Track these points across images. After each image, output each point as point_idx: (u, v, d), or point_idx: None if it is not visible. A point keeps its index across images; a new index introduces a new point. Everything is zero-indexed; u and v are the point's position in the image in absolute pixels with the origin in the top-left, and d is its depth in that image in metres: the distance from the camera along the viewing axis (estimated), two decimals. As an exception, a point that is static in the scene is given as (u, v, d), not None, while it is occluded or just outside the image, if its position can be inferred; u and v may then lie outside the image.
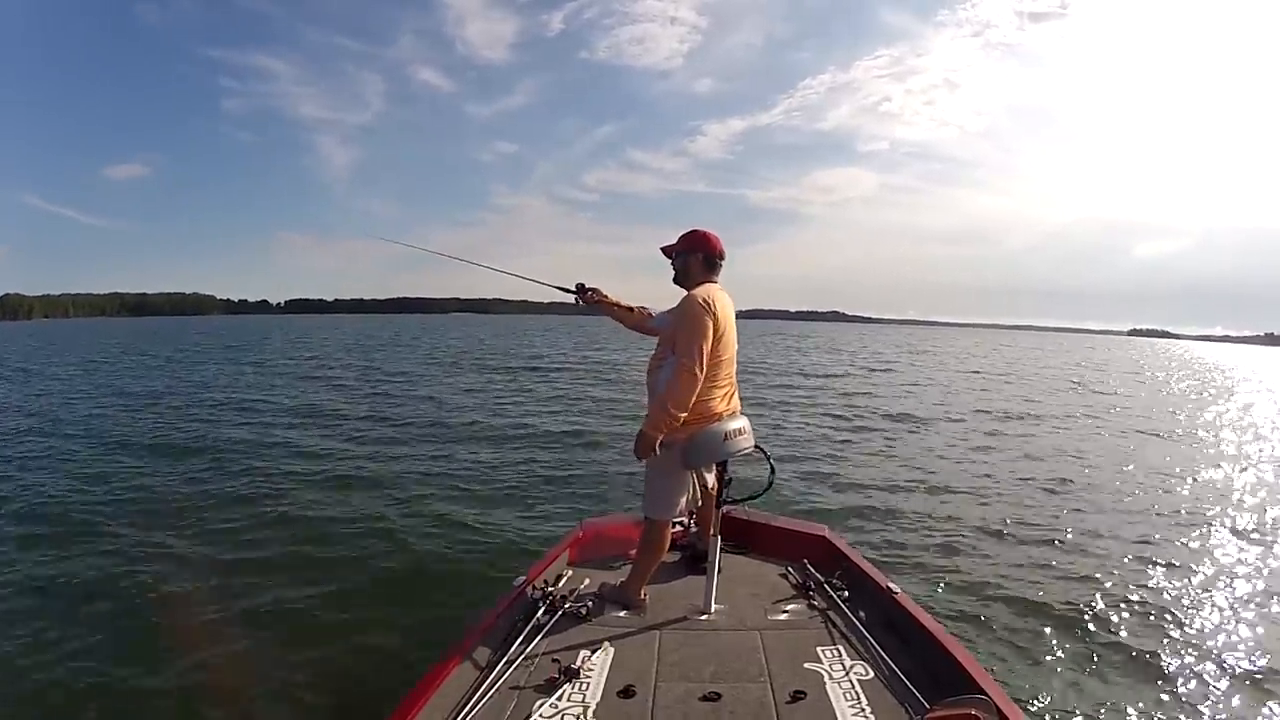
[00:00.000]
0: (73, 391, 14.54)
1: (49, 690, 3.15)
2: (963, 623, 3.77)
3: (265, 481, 6.91)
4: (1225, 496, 6.97)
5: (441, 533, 5.27)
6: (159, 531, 5.27)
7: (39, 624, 3.73)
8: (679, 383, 2.31)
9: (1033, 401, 14.86)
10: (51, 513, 5.75)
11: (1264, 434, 11.62)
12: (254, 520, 5.63)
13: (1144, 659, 3.47)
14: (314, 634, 3.67)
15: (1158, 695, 3.16)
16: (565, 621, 2.33)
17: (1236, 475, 8.05)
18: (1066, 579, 4.48)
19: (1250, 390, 22.58)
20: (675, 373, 2.33)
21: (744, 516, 3.01)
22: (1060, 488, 7.02)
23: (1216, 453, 9.55)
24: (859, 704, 1.86)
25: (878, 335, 75.76)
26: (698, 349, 2.31)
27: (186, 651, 3.47)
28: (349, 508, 5.99)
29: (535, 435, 9.43)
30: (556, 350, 29.66)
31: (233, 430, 9.68)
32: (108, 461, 7.78)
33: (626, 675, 2.01)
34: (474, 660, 2.07)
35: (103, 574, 4.43)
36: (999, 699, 1.71)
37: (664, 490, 2.46)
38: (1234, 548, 5.25)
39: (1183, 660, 3.46)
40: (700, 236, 2.53)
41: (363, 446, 8.73)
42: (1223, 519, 6.03)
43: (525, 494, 6.40)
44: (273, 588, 4.24)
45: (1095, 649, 3.55)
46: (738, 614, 2.42)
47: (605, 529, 3.09)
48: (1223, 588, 4.42)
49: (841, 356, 30.52)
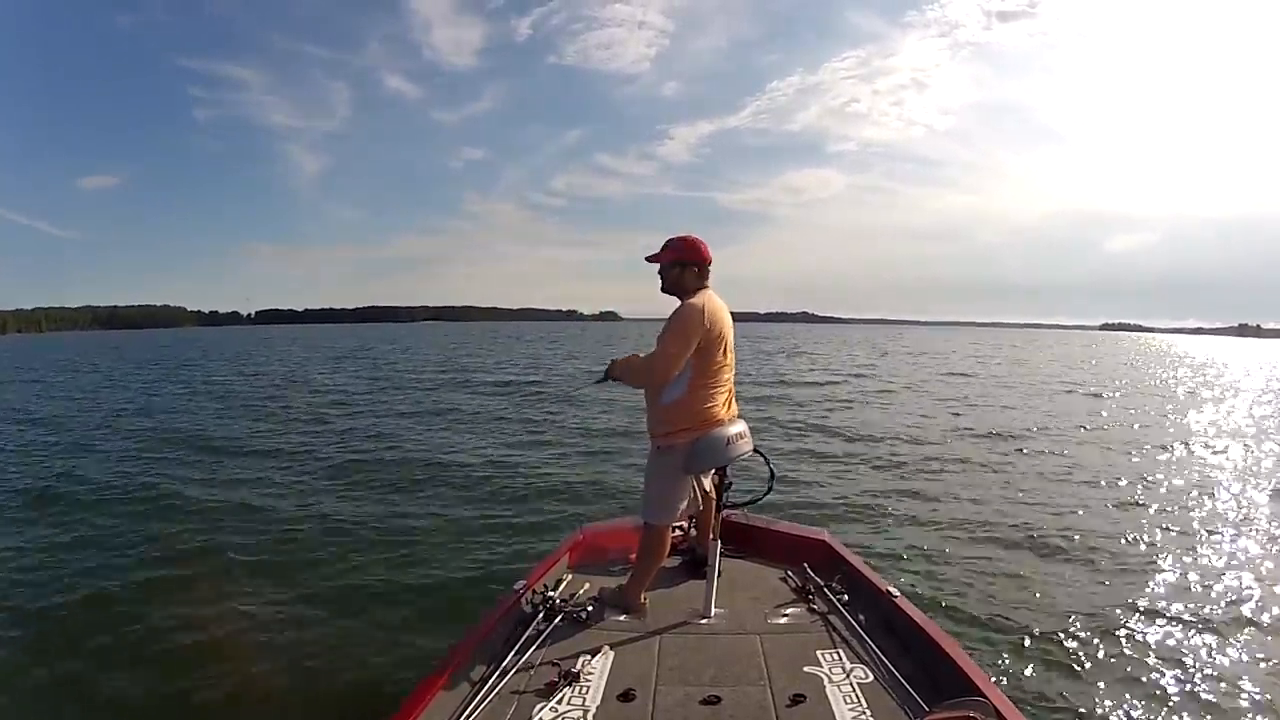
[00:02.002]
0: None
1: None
2: (962, 626, 3.77)
3: (264, 480, 6.91)
4: (1234, 498, 6.81)
5: (440, 538, 5.26)
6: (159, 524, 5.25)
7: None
8: (642, 368, 2.42)
9: (1024, 402, 14.86)
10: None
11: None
12: (252, 520, 5.63)
13: (1143, 661, 3.47)
14: (313, 641, 3.67)
15: (1158, 697, 3.16)
16: (565, 626, 2.33)
17: (1248, 479, 7.73)
18: (1066, 582, 4.48)
19: (1255, 387, 21.99)
20: (645, 360, 2.41)
21: (744, 521, 3.01)
22: (1059, 489, 7.02)
23: (1222, 453, 9.36)
24: (859, 707, 1.86)
25: (848, 335, 75.11)
26: (673, 351, 2.34)
27: (184, 657, 3.47)
28: (348, 509, 5.99)
29: (536, 438, 9.43)
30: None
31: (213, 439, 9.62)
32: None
33: (626, 679, 2.01)
34: (473, 665, 2.07)
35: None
36: (998, 702, 1.71)
37: (663, 495, 2.46)
38: (1239, 549, 5.20)
39: (1183, 661, 3.46)
40: (690, 246, 2.47)
41: (359, 448, 8.74)
42: (1229, 519, 5.99)
43: (525, 499, 6.39)
44: (270, 594, 4.24)
45: (1094, 651, 3.54)
46: (737, 618, 2.42)
47: (605, 534, 3.09)
48: (1225, 588, 4.40)
49: (811, 359, 29.38)
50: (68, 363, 30.28)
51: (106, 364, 28.78)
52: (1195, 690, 3.20)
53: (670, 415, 2.40)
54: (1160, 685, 3.26)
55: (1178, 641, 3.67)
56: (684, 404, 2.39)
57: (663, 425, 2.43)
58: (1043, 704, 3.08)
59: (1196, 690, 3.20)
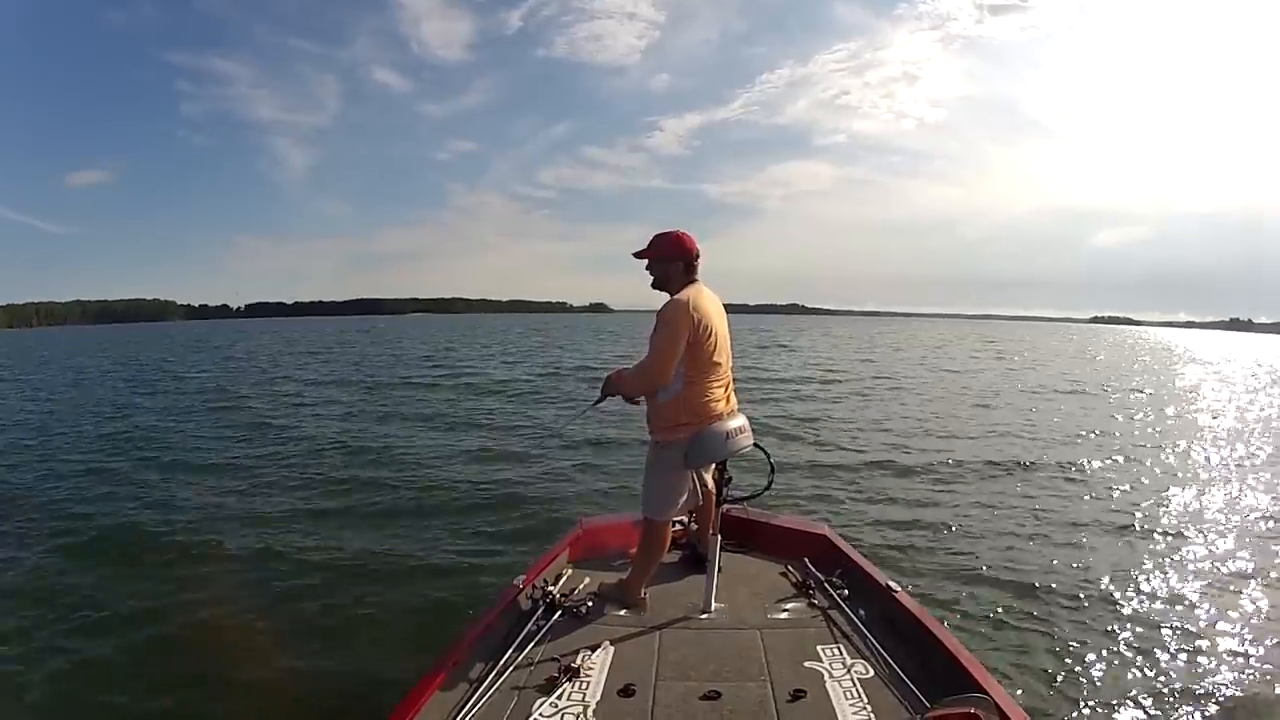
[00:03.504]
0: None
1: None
2: (963, 621, 3.77)
3: (264, 480, 6.91)
4: (1246, 497, 6.68)
5: (439, 533, 5.27)
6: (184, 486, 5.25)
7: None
8: (638, 375, 2.41)
9: (1029, 394, 14.80)
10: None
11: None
12: (248, 521, 5.64)
13: (1147, 657, 3.46)
14: (313, 635, 3.67)
15: (1160, 693, 3.16)
16: (565, 621, 2.33)
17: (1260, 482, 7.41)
18: (1069, 577, 4.46)
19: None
20: (639, 366, 2.40)
21: (744, 515, 3.01)
22: (1062, 485, 7.00)
23: (1231, 452, 9.16)
24: (859, 703, 1.86)
25: (841, 326, 74.02)
26: (665, 351, 2.32)
27: (183, 657, 3.47)
28: (346, 508, 6.00)
29: (536, 436, 9.43)
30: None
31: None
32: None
33: (627, 674, 2.01)
34: (474, 660, 2.07)
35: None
36: (999, 697, 1.71)
37: (663, 489, 2.46)
38: (1247, 549, 5.12)
39: (1185, 659, 3.45)
40: (674, 242, 2.46)
41: (359, 442, 8.74)
42: (1236, 521, 5.90)
43: (525, 493, 6.39)
44: (270, 587, 4.24)
45: (1097, 647, 3.54)
46: (738, 613, 2.42)
47: (605, 528, 3.09)
48: (1233, 588, 4.37)
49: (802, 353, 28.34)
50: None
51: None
52: (1199, 688, 3.19)
53: (669, 410, 2.39)
54: (1163, 682, 3.25)
55: (1183, 638, 3.66)
56: (682, 399, 2.38)
57: (662, 420, 2.42)
58: (1044, 700, 3.07)
59: (1201, 687, 3.20)
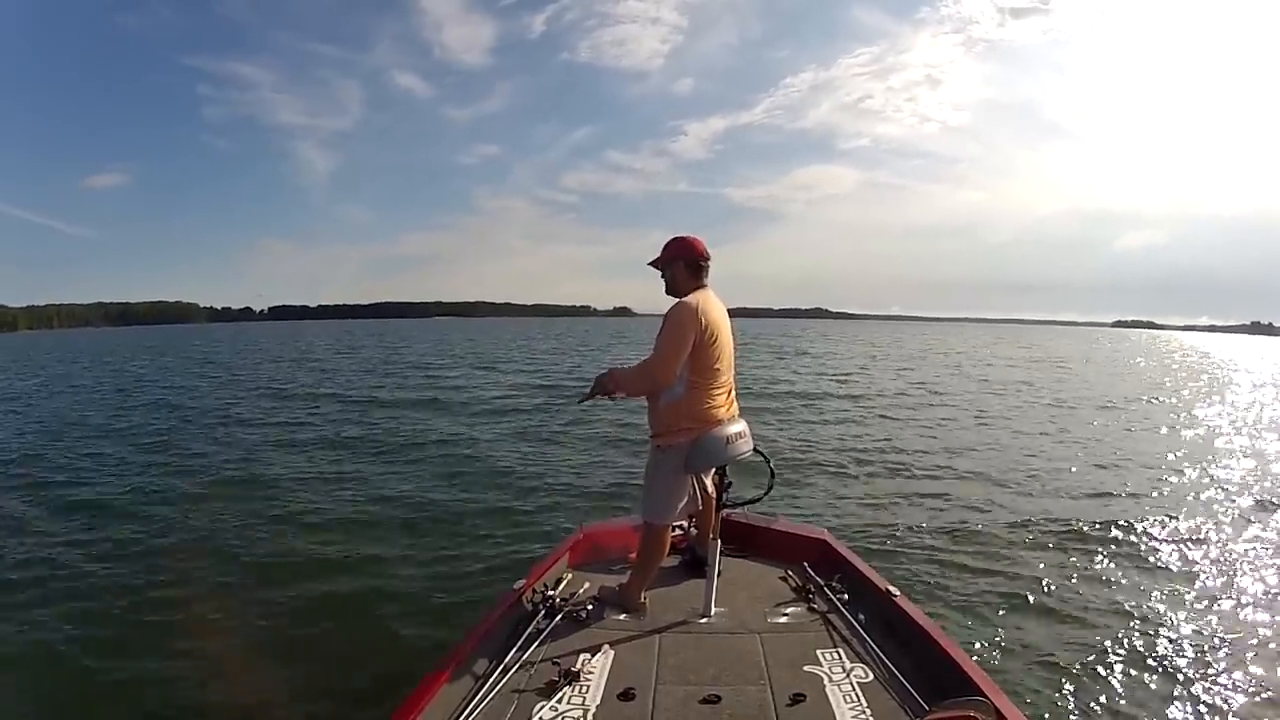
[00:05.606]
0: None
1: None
2: (962, 625, 3.77)
3: (260, 477, 6.91)
4: (1252, 500, 6.61)
5: (439, 538, 5.26)
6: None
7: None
8: (639, 375, 2.41)
9: (1041, 399, 14.74)
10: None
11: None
12: (247, 520, 5.64)
13: (1145, 660, 3.46)
14: (313, 638, 3.68)
15: (1159, 696, 3.16)
16: (565, 625, 2.34)
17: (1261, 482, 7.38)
18: (1067, 581, 4.47)
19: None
20: (641, 366, 2.41)
21: (744, 520, 3.01)
22: (1062, 488, 6.99)
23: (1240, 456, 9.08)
24: (859, 706, 1.86)
25: (872, 333, 74.04)
26: (670, 352, 2.33)
27: (183, 659, 3.46)
28: (346, 509, 5.99)
29: (535, 436, 9.44)
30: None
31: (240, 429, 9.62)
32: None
33: (626, 678, 2.01)
34: (473, 663, 2.07)
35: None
36: (998, 701, 1.71)
37: (663, 494, 2.46)
38: (1249, 550, 5.12)
39: (1187, 660, 3.45)
40: (680, 243, 2.50)
41: (363, 447, 8.75)
42: (1243, 521, 5.87)
43: (525, 497, 6.39)
44: (269, 591, 4.24)
45: (1096, 651, 3.53)
46: (738, 617, 2.42)
47: (605, 533, 3.10)
48: (1232, 589, 4.37)
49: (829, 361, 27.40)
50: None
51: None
52: (1199, 690, 3.19)
53: (670, 415, 2.40)
54: (1163, 684, 3.25)
55: (1182, 641, 3.66)
56: (683, 403, 2.39)
57: (663, 424, 2.43)
58: (1043, 704, 3.07)
59: (1200, 690, 3.19)
